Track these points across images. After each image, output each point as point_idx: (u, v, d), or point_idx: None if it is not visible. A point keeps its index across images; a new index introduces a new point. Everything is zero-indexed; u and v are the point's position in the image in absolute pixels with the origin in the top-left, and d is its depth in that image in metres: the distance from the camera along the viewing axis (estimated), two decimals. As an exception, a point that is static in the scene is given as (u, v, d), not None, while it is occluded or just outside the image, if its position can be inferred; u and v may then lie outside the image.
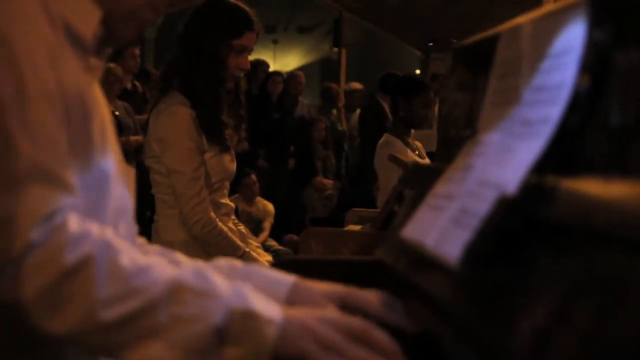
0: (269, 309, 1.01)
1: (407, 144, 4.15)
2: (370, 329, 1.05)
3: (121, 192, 1.19)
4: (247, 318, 0.98)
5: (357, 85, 9.33)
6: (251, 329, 0.98)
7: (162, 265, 1.01)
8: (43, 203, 0.94)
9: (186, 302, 0.97)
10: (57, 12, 1.04)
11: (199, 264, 1.19)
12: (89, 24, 1.11)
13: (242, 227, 3.04)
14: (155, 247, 1.32)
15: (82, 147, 1.05)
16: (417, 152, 4.12)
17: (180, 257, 1.24)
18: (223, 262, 1.27)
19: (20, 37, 0.96)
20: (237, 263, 1.28)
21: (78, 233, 0.96)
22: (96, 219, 1.04)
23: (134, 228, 1.27)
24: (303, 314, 1.05)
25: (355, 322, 1.06)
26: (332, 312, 1.08)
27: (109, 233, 1.00)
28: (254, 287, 1.06)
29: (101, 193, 1.10)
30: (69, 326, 0.94)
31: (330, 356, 0.99)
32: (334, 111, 9.17)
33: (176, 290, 0.98)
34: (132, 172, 1.24)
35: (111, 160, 1.14)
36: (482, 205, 1.01)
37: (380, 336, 1.04)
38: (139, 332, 0.95)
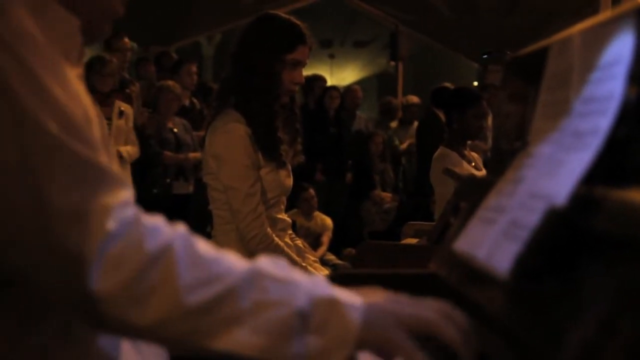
0: (351, 296, 1.01)
1: (463, 156, 4.12)
2: (452, 310, 1.05)
3: None
4: (331, 304, 0.98)
5: (414, 99, 9.30)
6: (336, 315, 0.98)
7: (236, 255, 1.03)
8: (111, 196, 0.95)
9: (267, 289, 0.98)
10: (48, 35, 1.05)
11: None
12: (72, 37, 1.13)
13: (299, 242, 3.05)
14: None
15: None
16: (473, 164, 4.09)
17: None
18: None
19: (28, 50, 0.98)
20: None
21: (153, 224, 0.97)
22: None
23: None
24: (383, 299, 1.05)
25: (437, 302, 1.06)
26: (406, 297, 1.07)
27: (180, 226, 1.02)
28: None
29: None
30: (155, 315, 0.94)
31: (413, 344, 0.99)
32: (392, 125, 9.15)
33: (256, 277, 0.99)
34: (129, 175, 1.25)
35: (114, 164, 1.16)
36: (532, 218, 1.01)
37: (461, 317, 1.05)
38: (223, 318, 0.95)
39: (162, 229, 0.98)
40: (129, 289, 0.93)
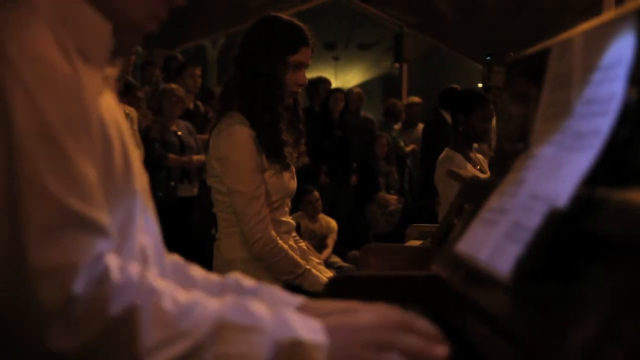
0: (313, 332, 1.01)
1: (469, 159, 4.10)
2: (411, 319, 1.06)
3: (146, 214, 1.20)
4: (294, 348, 0.98)
5: (415, 99, 9.29)
6: (300, 359, 0.98)
7: (203, 301, 1.01)
8: (81, 251, 0.94)
9: (232, 341, 0.97)
10: (71, 42, 1.04)
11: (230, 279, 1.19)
12: (102, 40, 1.13)
13: (303, 244, 3.05)
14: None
15: (108, 179, 1.05)
16: (478, 167, 4.08)
17: (195, 270, 1.28)
18: (232, 279, 1.28)
19: (36, 76, 0.96)
20: (247, 281, 1.28)
21: (121, 282, 0.96)
22: (126, 247, 1.06)
23: (161, 245, 1.27)
24: (343, 324, 1.05)
25: (395, 315, 1.06)
26: (369, 315, 1.08)
27: (149, 275, 1.01)
28: None
29: (128, 222, 1.11)
30: None
31: (384, 356, 1.00)
32: (396, 127, 9.14)
33: (221, 329, 0.97)
34: (145, 179, 1.24)
35: (135, 183, 1.15)
36: (534, 219, 1.01)
37: (422, 323, 1.05)
38: None
39: (130, 288, 0.96)
40: (89, 350, 0.92)
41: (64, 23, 1.05)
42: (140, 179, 1.19)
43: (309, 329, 1.01)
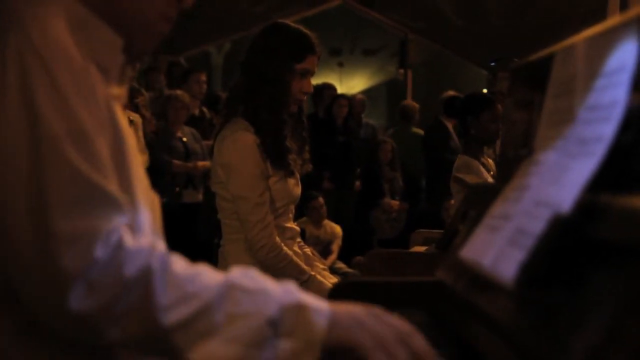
0: (318, 302, 1.07)
1: (482, 164, 4.08)
2: (413, 332, 1.09)
3: (148, 221, 1.22)
4: (298, 310, 1.04)
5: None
6: (303, 320, 1.03)
7: (210, 270, 1.07)
8: (102, 221, 1.00)
9: (239, 300, 1.03)
10: (87, 51, 1.09)
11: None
12: (113, 55, 1.17)
13: (307, 250, 3.04)
14: None
15: (119, 177, 1.10)
16: (492, 172, 4.04)
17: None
18: None
19: (54, 57, 1.03)
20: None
21: (135, 247, 1.02)
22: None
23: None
24: (351, 307, 1.10)
25: (400, 322, 1.10)
26: (378, 309, 1.12)
27: (159, 244, 1.06)
28: None
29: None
30: (133, 333, 1.00)
31: (378, 350, 1.04)
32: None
33: (229, 290, 1.04)
34: (156, 199, 1.29)
35: (139, 192, 1.19)
36: (538, 225, 1.01)
37: (420, 341, 1.08)
38: (198, 333, 1.01)
39: (143, 252, 1.02)
40: (107, 310, 0.99)
41: (77, 31, 1.10)
42: (143, 184, 1.22)
43: (313, 299, 1.07)
